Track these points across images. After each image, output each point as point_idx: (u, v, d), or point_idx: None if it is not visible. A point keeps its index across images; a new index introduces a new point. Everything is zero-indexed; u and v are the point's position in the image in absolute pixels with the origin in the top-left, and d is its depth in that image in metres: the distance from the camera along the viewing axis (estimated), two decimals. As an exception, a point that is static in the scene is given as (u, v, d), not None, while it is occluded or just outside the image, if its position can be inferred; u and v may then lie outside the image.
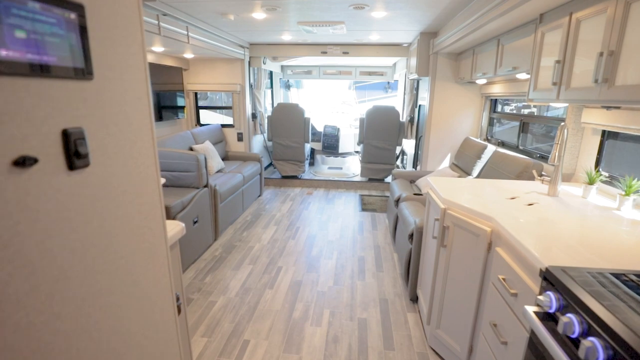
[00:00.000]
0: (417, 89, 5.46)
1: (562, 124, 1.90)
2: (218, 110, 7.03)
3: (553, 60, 1.95)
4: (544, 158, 2.90)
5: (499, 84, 3.56)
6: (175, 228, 1.08)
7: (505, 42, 2.73)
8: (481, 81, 3.62)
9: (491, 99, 4.04)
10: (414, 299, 2.72)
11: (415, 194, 3.47)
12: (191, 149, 4.35)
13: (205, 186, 3.52)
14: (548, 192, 2.07)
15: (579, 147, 2.35)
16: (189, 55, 4.66)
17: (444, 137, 4.31)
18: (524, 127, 3.27)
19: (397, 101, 7.25)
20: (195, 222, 3.27)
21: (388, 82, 7.65)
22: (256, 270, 3.18)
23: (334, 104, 10.06)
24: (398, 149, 6.25)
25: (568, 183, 2.34)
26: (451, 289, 1.98)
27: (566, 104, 2.19)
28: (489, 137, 4.12)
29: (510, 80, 3.22)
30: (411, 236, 2.75)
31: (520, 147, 3.31)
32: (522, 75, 2.64)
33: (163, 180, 2.90)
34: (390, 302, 2.73)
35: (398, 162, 6.50)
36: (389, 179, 5.93)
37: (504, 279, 1.50)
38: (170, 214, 2.94)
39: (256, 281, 3.00)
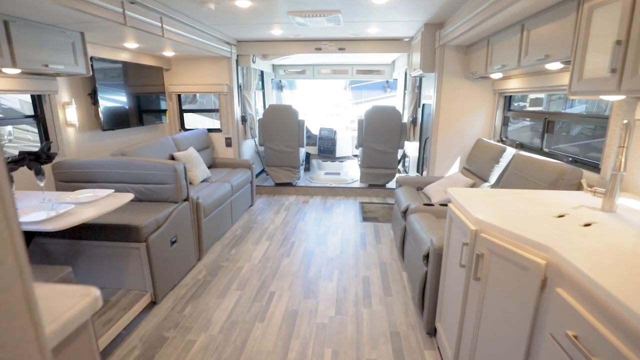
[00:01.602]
0: (419, 87, 5.06)
1: (626, 121, 1.49)
2: (206, 114, 6.60)
3: (610, 41, 1.54)
4: (576, 162, 2.49)
5: (517, 78, 3.16)
6: (78, 304, 0.65)
7: (531, 27, 2.32)
8: (496, 76, 3.22)
9: (505, 96, 3.65)
10: (432, 332, 2.30)
11: (425, 205, 3.05)
12: (172, 158, 3.91)
13: (186, 200, 3.07)
14: (602, 207, 1.66)
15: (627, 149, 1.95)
16: (169, 53, 4.23)
17: (452, 138, 3.90)
18: (548, 127, 2.87)
19: (396, 101, 6.86)
20: (173, 243, 2.82)
21: (387, 81, 7.26)
22: (245, 297, 2.74)
23: (328, 105, 9.65)
24: (400, 152, 5.84)
25: (618, 193, 1.93)
26: (486, 332, 1.56)
27: (621, 97, 1.78)
28: (504, 138, 3.72)
29: (535, 73, 2.82)
30: (426, 257, 2.33)
31: (545, 150, 2.90)
32: (554, 66, 2.23)
33: (131, 196, 2.46)
34: (403, 337, 2.30)
35: (399, 167, 6.09)
36: (390, 185, 5.52)
37: (575, 337, 1.08)
38: (141, 235, 2.49)
39: (244, 312, 2.56)
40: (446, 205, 3.04)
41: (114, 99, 3.72)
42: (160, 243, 2.64)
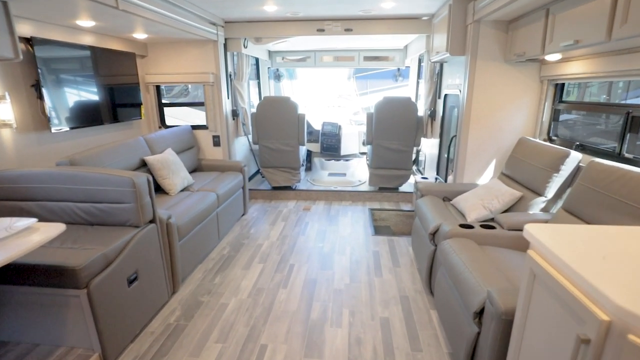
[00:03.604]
0: (439, 74, 4.32)
1: None
2: (199, 108, 5.88)
3: None
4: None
5: (583, 60, 2.43)
6: None
7: (635, -20, 1.59)
8: (554, 57, 2.50)
9: (556, 84, 2.91)
10: (488, 423, 1.61)
11: (462, 226, 2.35)
12: (144, 163, 3.20)
13: (152, 221, 2.38)
14: None
15: None
16: (140, 35, 3.50)
17: (487, 137, 3.19)
18: (632, 124, 2.14)
19: (408, 91, 6.11)
20: (132, 281, 2.13)
21: (398, 69, 6.50)
22: (228, 355, 2.06)
23: (330, 97, 8.90)
24: (416, 151, 5.14)
25: None
26: None
27: None
28: (552, 137, 3.00)
29: (617, 52, 2.09)
30: (479, 314, 1.64)
31: (626, 155, 2.19)
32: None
33: (61, 228, 1.75)
34: None
35: (414, 168, 5.38)
36: (404, 188, 4.81)
37: None
38: (79, 280, 1.80)
39: (224, 381, 1.88)
40: (489, 227, 2.34)
41: (74, 92, 3.01)
42: (110, 286, 1.96)
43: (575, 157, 2.30)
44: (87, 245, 2.00)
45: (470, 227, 2.34)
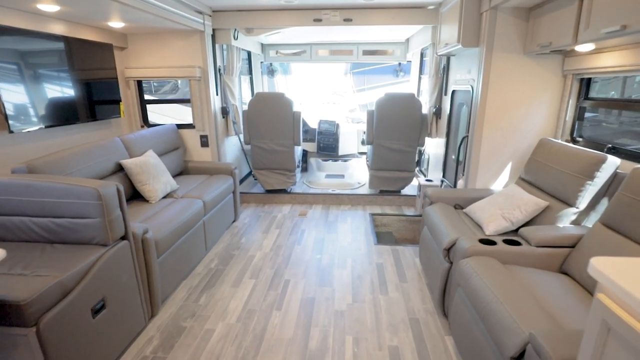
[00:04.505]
0: (445, 69, 4.01)
1: None
2: (187, 104, 5.51)
3: None
4: None
5: (620, 50, 2.12)
6: None
7: None
8: (586, 48, 2.19)
9: (582, 79, 2.61)
10: None
11: (482, 242, 2.04)
12: (121, 167, 2.86)
13: (124, 237, 2.05)
14: None
15: None
16: (117, 23, 3.14)
17: (503, 137, 2.88)
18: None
19: (409, 88, 5.79)
20: (97, 311, 1.80)
21: (399, 64, 6.17)
22: (210, 398, 1.74)
23: (325, 93, 8.57)
24: (418, 151, 4.84)
25: None
26: None
27: None
28: (576, 138, 2.70)
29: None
30: (516, 358, 1.34)
31: (675, 161, 1.90)
32: None
33: (2, 254, 1.39)
34: None
35: (416, 169, 5.07)
36: (406, 191, 4.52)
37: None
38: (27, 317, 1.47)
39: None
40: (514, 242, 2.04)
41: (41, 87, 2.66)
42: (68, 320, 1.62)
43: (612, 162, 2.00)
44: (41, 271, 1.66)
45: (492, 242, 2.04)
